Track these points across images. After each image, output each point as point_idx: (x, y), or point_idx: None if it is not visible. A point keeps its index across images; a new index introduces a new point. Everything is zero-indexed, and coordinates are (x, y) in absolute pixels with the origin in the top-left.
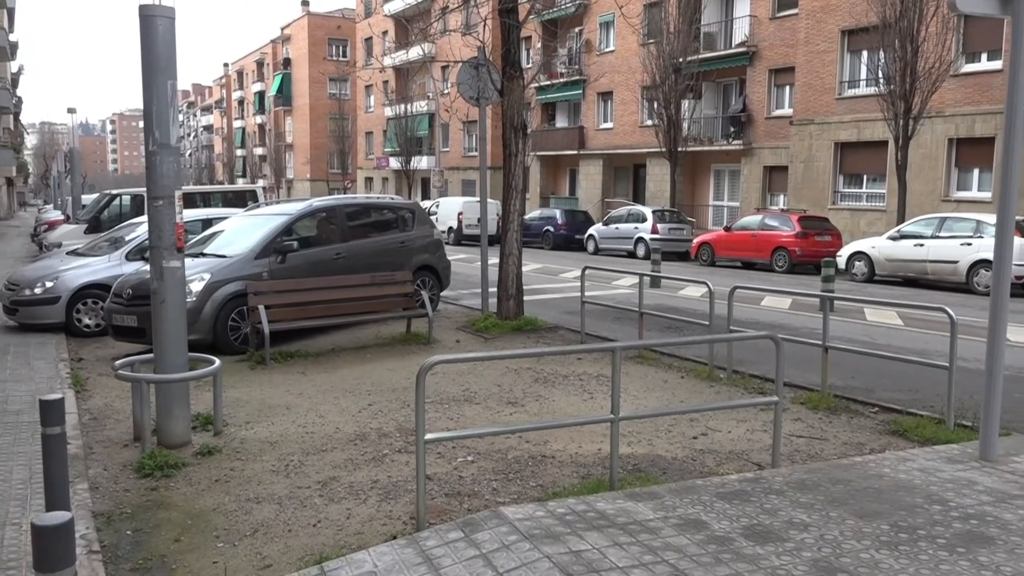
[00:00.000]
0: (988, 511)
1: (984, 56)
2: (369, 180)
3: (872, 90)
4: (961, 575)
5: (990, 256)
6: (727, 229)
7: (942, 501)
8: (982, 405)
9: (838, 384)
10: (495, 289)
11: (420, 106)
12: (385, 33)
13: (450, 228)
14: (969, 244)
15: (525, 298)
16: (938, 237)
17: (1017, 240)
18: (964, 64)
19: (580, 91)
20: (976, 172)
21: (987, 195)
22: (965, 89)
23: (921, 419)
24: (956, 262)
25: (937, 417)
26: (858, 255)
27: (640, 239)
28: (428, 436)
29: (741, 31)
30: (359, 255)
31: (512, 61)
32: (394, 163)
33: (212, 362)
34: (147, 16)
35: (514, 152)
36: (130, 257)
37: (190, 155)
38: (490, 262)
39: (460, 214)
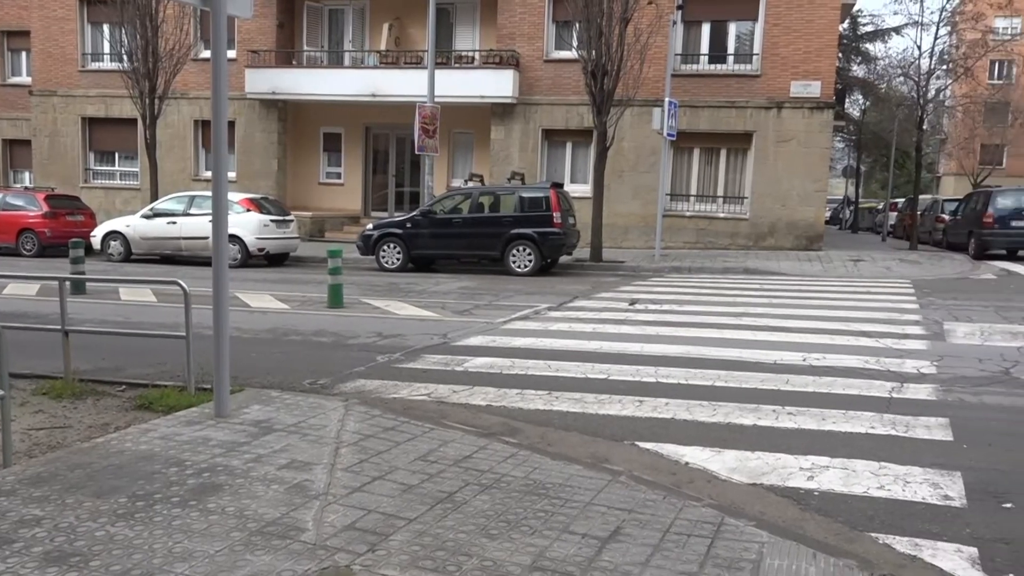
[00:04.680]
0: (219, 462)
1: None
2: None
3: (117, 66)
4: (192, 525)
5: (237, 231)
6: None
7: (179, 463)
8: (214, 367)
9: (87, 368)
10: None
11: None
12: None
13: None
14: None
15: None
16: (190, 215)
17: (256, 216)
18: (204, 50)
19: None
20: None
21: None
22: (206, 74)
23: (166, 389)
24: (207, 238)
25: (181, 385)
26: (113, 235)
27: None
28: None
29: None
30: None
31: None
32: None
33: None
34: None
35: None
36: None
37: None
38: None
39: None
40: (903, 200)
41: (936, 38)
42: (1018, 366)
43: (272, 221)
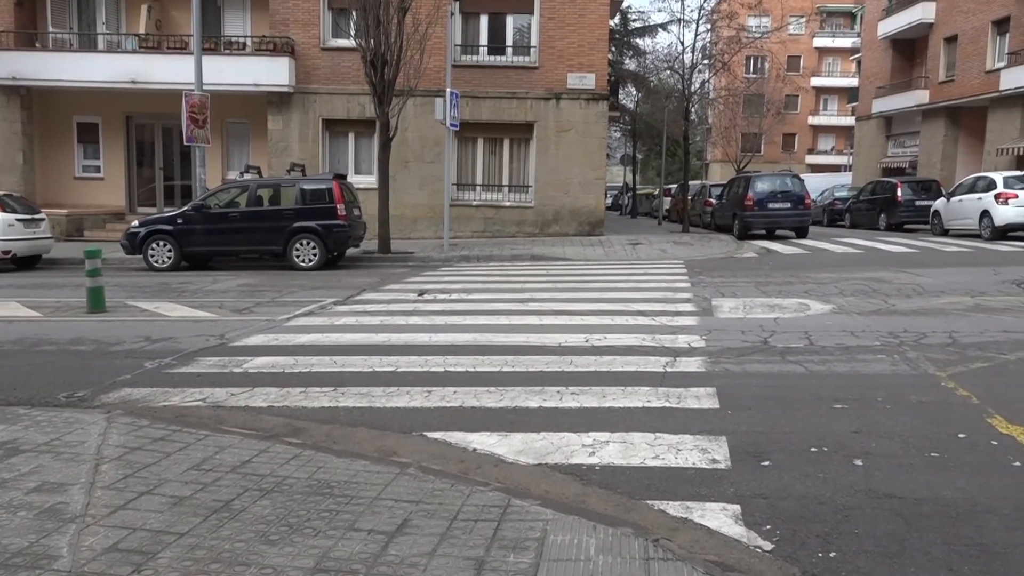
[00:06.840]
0: None
1: None
2: None
3: None
4: None
5: None
6: None
7: None
8: None
9: None
10: None
11: None
12: None
13: None
14: None
15: None
16: None
17: (1, 216)
18: None
19: None
20: None
21: None
22: None
23: None
24: None
25: None
26: None
27: None
28: None
29: None
30: None
31: None
32: None
33: None
34: None
35: None
36: None
37: None
38: None
39: None
40: (676, 186)
41: (696, 35)
42: (775, 335)
43: (19, 220)
